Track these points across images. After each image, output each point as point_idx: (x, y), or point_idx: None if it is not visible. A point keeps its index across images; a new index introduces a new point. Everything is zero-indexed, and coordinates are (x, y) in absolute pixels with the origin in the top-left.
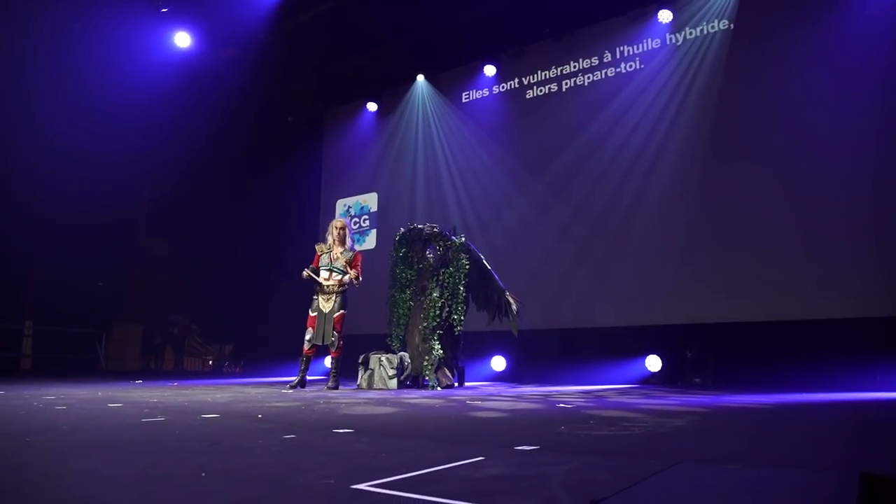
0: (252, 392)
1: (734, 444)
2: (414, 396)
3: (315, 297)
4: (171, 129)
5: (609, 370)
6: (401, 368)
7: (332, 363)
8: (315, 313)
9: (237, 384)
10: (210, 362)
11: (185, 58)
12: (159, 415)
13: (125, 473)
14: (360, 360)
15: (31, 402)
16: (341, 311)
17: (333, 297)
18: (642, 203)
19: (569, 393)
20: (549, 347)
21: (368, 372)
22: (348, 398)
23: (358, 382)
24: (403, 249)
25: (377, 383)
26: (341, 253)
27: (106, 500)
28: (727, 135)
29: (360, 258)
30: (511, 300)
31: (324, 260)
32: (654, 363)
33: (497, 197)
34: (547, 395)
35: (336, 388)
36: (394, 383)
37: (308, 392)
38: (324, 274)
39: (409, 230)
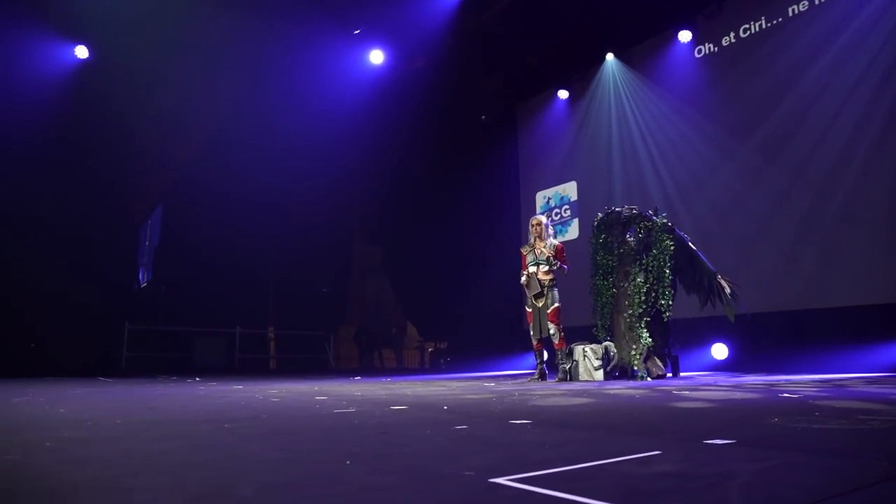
0: (454, 385)
1: None
2: (617, 387)
3: (528, 294)
4: (374, 143)
5: (853, 356)
6: (606, 359)
7: (554, 355)
8: (531, 309)
9: (447, 379)
10: (426, 359)
11: (380, 74)
12: (352, 406)
13: (280, 457)
14: (563, 352)
15: (254, 395)
16: (555, 305)
17: (545, 293)
18: (880, 157)
19: (801, 382)
20: (776, 332)
21: (572, 363)
22: (546, 390)
23: (559, 375)
24: (602, 235)
25: (582, 375)
26: (545, 247)
27: (233, 484)
28: None
29: (562, 248)
30: (723, 284)
31: (530, 258)
32: None
33: (701, 169)
34: (771, 385)
35: (542, 378)
36: (600, 374)
37: (509, 384)
38: (531, 269)
39: (607, 214)
